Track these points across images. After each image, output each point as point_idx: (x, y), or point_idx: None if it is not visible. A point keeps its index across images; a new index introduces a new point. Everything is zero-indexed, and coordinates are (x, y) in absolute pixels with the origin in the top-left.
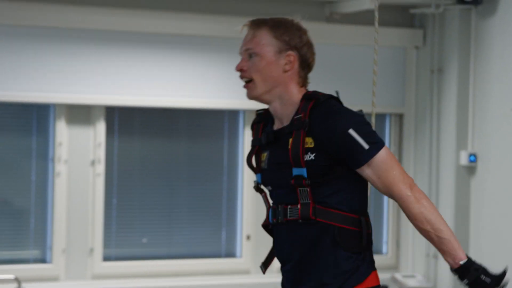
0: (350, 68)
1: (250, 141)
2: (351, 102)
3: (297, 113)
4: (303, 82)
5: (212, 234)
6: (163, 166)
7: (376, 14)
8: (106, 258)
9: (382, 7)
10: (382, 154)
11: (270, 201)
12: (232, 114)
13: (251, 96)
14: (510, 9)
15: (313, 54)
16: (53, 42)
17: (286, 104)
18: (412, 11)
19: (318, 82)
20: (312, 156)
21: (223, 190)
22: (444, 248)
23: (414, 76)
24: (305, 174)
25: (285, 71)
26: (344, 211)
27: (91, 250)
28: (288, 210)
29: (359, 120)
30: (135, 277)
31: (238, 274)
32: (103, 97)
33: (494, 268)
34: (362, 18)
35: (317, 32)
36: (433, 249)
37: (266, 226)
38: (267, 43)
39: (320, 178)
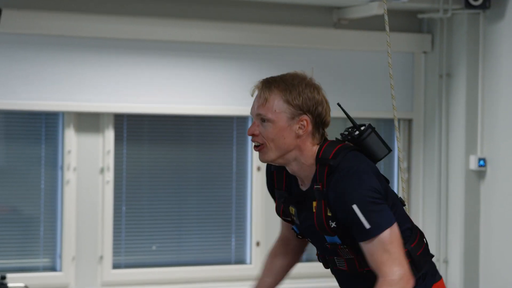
0: (358, 74)
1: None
2: (358, 107)
3: (315, 179)
4: (319, 140)
5: (222, 240)
6: (172, 173)
7: (386, 17)
8: (116, 266)
9: (390, 13)
10: (383, 235)
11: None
12: (241, 121)
13: (263, 161)
14: None
15: (328, 110)
16: (62, 50)
17: (303, 166)
18: (420, 16)
19: (326, 88)
20: (334, 224)
21: (232, 197)
22: None
23: (423, 81)
24: (338, 241)
25: (298, 136)
26: None
27: (101, 257)
28: (336, 260)
29: (367, 194)
30: (145, 284)
31: (248, 280)
32: (112, 104)
33: (505, 273)
34: (370, 24)
35: (325, 38)
36: (443, 254)
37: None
38: (280, 109)
39: (353, 239)
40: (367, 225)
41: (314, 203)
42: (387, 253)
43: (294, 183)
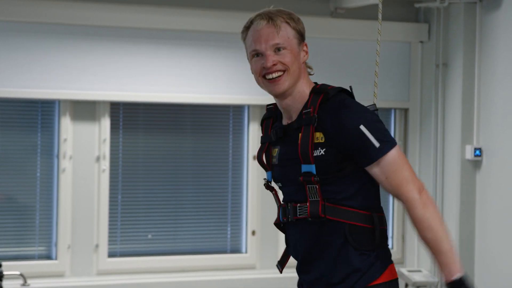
0: (355, 63)
1: (255, 136)
2: (357, 96)
3: (305, 107)
4: (310, 71)
5: (217, 229)
6: (168, 161)
7: (380, 5)
8: (111, 254)
9: (386, 2)
10: (392, 153)
11: (281, 199)
12: (237, 109)
13: (282, 90)
14: None
15: None
16: (58, 38)
17: (296, 98)
18: (417, 5)
19: (323, 77)
20: (322, 152)
21: (228, 186)
22: (442, 260)
23: (419, 70)
24: (313, 171)
25: (303, 62)
26: (354, 208)
27: (96, 246)
28: (298, 208)
29: (371, 116)
30: (140, 273)
31: (243, 269)
32: (108, 93)
33: (500, 263)
34: (367, 13)
35: (322, 27)
36: None
37: (278, 224)
38: (291, 36)
39: (330, 174)
40: (376, 144)
41: (300, 134)
42: (399, 172)
43: (279, 124)
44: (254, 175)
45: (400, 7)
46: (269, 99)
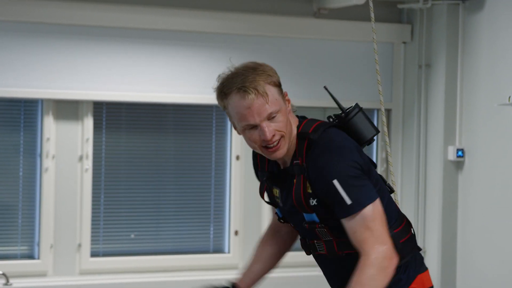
0: (339, 64)
1: (238, 136)
2: (338, 97)
3: (295, 156)
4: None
5: (200, 229)
6: (151, 161)
7: (371, 4)
8: (94, 254)
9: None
10: (365, 211)
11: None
12: (220, 110)
13: (282, 154)
14: (497, 5)
15: None
16: (41, 37)
17: (290, 145)
18: (400, 6)
19: (306, 77)
20: (314, 202)
21: (211, 186)
22: None
23: (402, 71)
24: (316, 219)
25: (289, 112)
26: None
27: (79, 245)
28: (316, 244)
29: (347, 169)
30: (123, 272)
31: (226, 269)
32: (91, 92)
33: (482, 263)
34: (350, 14)
35: (305, 28)
36: (420, 244)
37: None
38: (277, 94)
39: (333, 219)
40: (348, 201)
41: (295, 180)
42: (369, 230)
43: (275, 163)
44: (237, 175)
45: (383, 7)
46: None
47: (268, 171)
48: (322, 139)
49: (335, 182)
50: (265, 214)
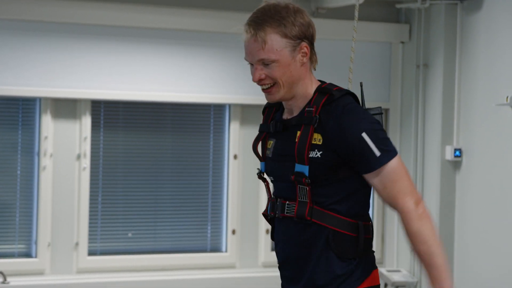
0: (337, 63)
1: (236, 135)
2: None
3: (308, 104)
4: (315, 62)
5: (198, 228)
6: (149, 160)
7: (357, 6)
8: (91, 253)
9: (368, 2)
10: (392, 163)
11: (271, 192)
12: (218, 109)
13: (273, 100)
14: (495, 4)
15: (314, 28)
16: (39, 36)
17: (298, 98)
18: (398, 6)
19: None
20: (318, 154)
21: (209, 185)
22: (433, 274)
23: (400, 71)
24: (306, 172)
25: (302, 64)
26: (341, 215)
27: (76, 244)
28: (286, 206)
29: (373, 124)
30: (120, 271)
31: (223, 268)
32: (89, 91)
33: (479, 264)
34: (348, 13)
35: None
36: None
37: (266, 216)
38: (281, 46)
39: (322, 178)
40: (377, 152)
41: (298, 132)
42: (398, 183)
43: (281, 114)
44: (234, 174)
45: (381, 7)
46: (251, 99)
47: (273, 121)
48: (344, 99)
49: (364, 135)
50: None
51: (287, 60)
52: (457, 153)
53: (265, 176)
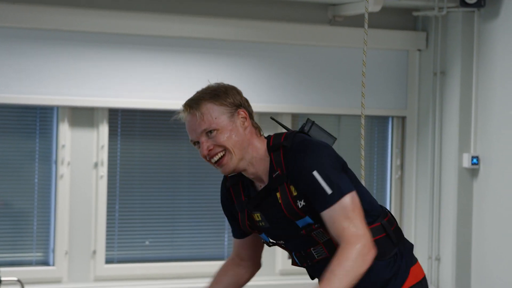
0: (353, 71)
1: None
2: (352, 105)
3: (273, 168)
4: (259, 131)
5: (215, 236)
6: (166, 168)
7: (366, 16)
8: (109, 261)
9: (384, 10)
10: (344, 201)
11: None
12: None
13: (228, 170)
14: None
15: (250, 106)
16: (56, 44)
17: (257, 162)
18: (415, 14)
19: (321, 85)
20: (302, 203)
21: None
22: (326, 276)
23: (417, 78)
24: (310, 220)
25: (245, 129)
26: None
27: (94, 252)
28: (313, 252)
29: (325, 160)
30: (138, 279)
31: None
32: (106, 99)
33: (497, 271)
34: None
35: (320, 35)
36: (435, 251)
37: (297, 265)
38: (218, 114)
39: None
40: (328, 190)
41: (278, 194)
42: (348, 219)
43: (252, 189)
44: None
45: (398, 15)
46: (266, 107)
47: (246, 198)
48: (295, 142)
49: (315, 173)
50: None
51: (228, 126)
52: (475, 160)
53: (274, 241)
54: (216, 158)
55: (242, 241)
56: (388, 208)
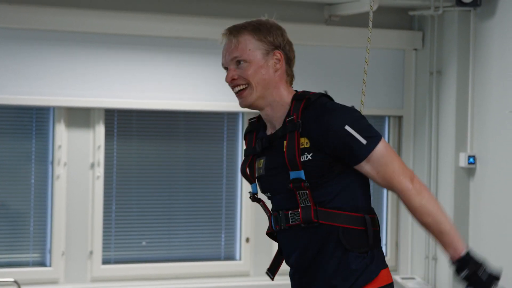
0: (349, 70)
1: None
2: (349, 104)
3: (288, 114)
4: (291, 80)
5: (211, 236)
6: (162, 168)
7: (371, 13)
8: (106, 261)
9: (381, 10)
10: (380, 147)
11: (270, 208)
12: (231, 117)
13: (246, 104)
14: (509, 11)
15: (293, 51)
16: (52, 45)
17: (277, 107)
18: (411, 13)
19: (317, 84)
20: (309, 156)
21: (222, 193)
22: (445, 240)
23: (413, 78)
24: (303, 176)
25: (275, 71)
26: (346, 211)
27: (91, 253)
28: (290, 215)
29: (354, 115)
30: (135, 280)
31: (237, 276)
32: (102, 100)
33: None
34: (361, 21)
35: (316, 34)
36: (432, 251)
37: (271, 233)
38: (253, 47)
39: (319, 178)
40: (363, 141)
41: (285, 142)
42: (389, 165)
43: (264, 132)
44: (248, 182)
45: (394, 14)
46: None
47: (257, 140)
48: (320, 100)
49: (347, 127)
50: None
51: (259, 62)
52: (471, 160)
53: (259, 195)
54: (237, 89)
55: None
56: (384, 207)
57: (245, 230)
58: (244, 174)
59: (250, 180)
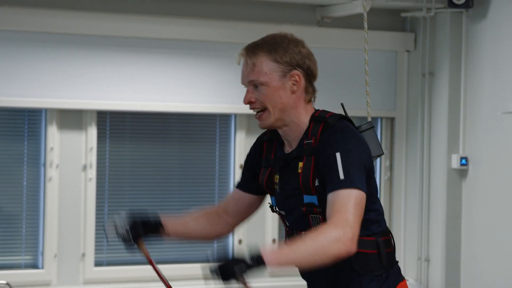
0: (342, 72)
1: (242, 145)
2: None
3: (307, 136)
4: (310, 97)
5: None
6: (155, 170)
7: (365, 14)
8: (98, 263)
9: (373, 11)
10: (351, 192)
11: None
12: (224, 118)
13: (264, 126)
14: (501, 13)
15: (315, 62)
16: (44, 47)
17: (295, 127)
18: (403, 14)
19: None
20: (317, 182)
21: (215, 194)
22: (282, 248)
23: (406, 79)
24: (316, 202)
25: (293, 92)
26: (359, 236)
27: (83, 255)
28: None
29: (355, 152)
30: (127, 282)
31: None
32: (95, 101)
33: (487, 272)
34: (353, 22)
35: (309, 36)
36: (424, 252)
37: None
38: (270, 69)
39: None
40: (341, 175)
41: (300, 163)
42: (346, 209)
43: (280, 149)
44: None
45: (386, 16)
46: None
47: (275, 157)
48: (338, 124)
49: (337, 154)
50: (269, 222)
51: (276, 85)
52: (463, 161)
53: (277, 209)
54: (255, 111)
55: (239, 195)
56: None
57: (237, 232)
58: (263, 185)
59: (270, 192)
